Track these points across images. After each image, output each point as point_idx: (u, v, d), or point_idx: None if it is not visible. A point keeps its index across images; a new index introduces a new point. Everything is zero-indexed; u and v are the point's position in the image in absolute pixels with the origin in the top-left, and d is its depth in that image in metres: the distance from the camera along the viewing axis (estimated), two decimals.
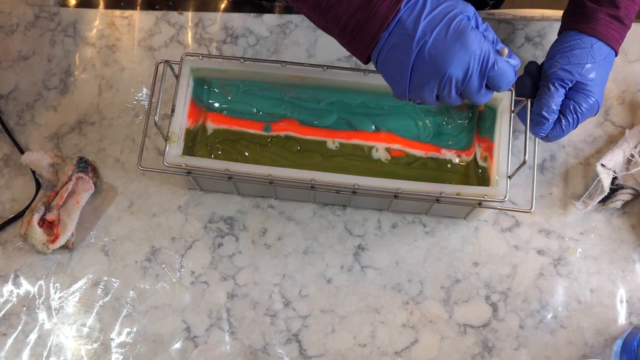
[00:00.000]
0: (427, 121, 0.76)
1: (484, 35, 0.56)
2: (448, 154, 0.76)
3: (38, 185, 0.81)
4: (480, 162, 0.73)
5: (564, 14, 0.72)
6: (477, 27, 0.57)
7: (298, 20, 0.87)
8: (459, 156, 0.75)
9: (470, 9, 0.57)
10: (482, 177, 0.73)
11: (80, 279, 0.78)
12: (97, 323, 0.76)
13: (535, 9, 0.90)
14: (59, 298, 0.77)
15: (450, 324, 0.76)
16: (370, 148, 0.76)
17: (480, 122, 0.75)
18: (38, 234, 0.75)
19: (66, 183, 0.77)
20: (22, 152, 0.82)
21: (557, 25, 0.85)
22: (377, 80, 0.71)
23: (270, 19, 0.87)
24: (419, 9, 0.55)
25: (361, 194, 0.72)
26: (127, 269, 0.78)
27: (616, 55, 0.70)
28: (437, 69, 0.56)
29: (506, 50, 0.58)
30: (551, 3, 1.01)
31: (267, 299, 0.77)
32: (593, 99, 0.68)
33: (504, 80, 0.58)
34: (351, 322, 0.76)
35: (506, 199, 0.68)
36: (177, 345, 0.75)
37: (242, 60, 0.72)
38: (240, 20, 0.87)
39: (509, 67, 0.58)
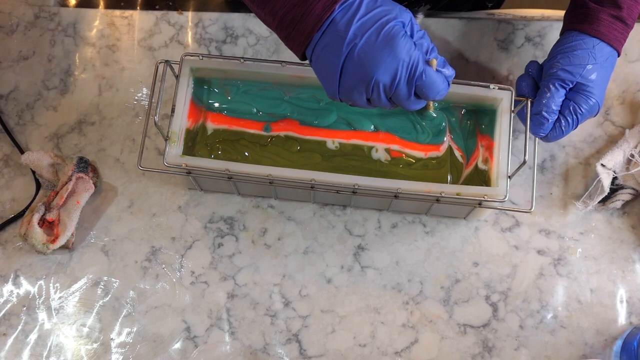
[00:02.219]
0: (424, 123, 0.76)
1: (415, 44, 0.57)
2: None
3: (38, 185, 0.81)
4: (480, 165, 0.73)
5: (565, 14, 0.72)
6: (411, 34, 0.57)
7: None
8: (461, 156, 0.76)
9: (407, 16, 0.57)
10: (482, 177, 0.73)
11: (80, 279, 0.78)
12: (97, 323, 0.76)
13: (535, 9, 0.90)
14: (59, 298, 0.77)
15: (450, 324, 0.76)
16: (370, 148, 0.76)
17: (480, 121, 0.75)
18: (38, 234, 0.75)
19: (66, 183, 0.77)
20: (22, 152, 0.82)
21: (557, 25, 0.85)
22: None
23: None
24: (353, 11, 0.56)
25: (361, 194, 0.72)
26: (127, 269, 0.78)
27: (619, 55, 0.70)
28: (365, 72, 0.56)
29: (435, 61, 0.58)
30: (551, 3, 1.01)
31: (267, 299, 0.77)
32: (593, 100, 0.68)
33: (432, 90, 0.58)
34: (351, 322, 0.76)
35: (506, 199, 0.68)
36: (177, 345, 0.75)
37: (242, 60, 0.72)
38: (240, 20, 0.87)
39: (439, 77, 0.58)
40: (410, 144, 0.76)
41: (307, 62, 0.61)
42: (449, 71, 0.60)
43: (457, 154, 0.75)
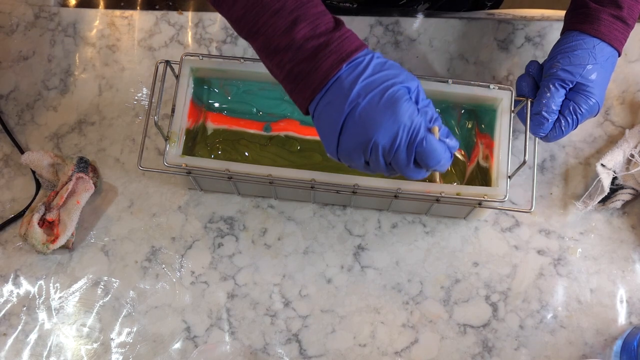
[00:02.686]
0: None
1: (418, 110, 0.56)
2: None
3: (38, 185, 0.81)
4: (482, 162, 0.73)
5: (566, 14, 0.72)
6: (416, 101, 0.56)
7: None
8: (463, 156, 0.76)
9: (414, 83, 0.56)
10: (482, 177, 0.73)
11: (80, 279, 0.78)
12: (97, 323, 0.76)
13: (535, 9, 0.90)
14: (59, 298, 0.77)
15: (450, 324, 0.76)
16: None
17: (480, 120, 0.75)
18: (38, 234, 0.75)
19: (66, 183, 0.77)
20: (22, 152, 0.82)
21: (557, 25, 0.85)
22: None
23: None
24: (360, 71, 0.55)
25: (361, 194, 0.72)
26: (127, 269, 0.78)
27: (619, 55, 0.70)
28: (365, 132, 0.55)
29: (437, 129, 0.56)
30: (551, 3, 1.01)
31: (267, 299, 0.77)
32: (593, 100, 0.68)
33: (432, 159, 0.57)
34: (351, 322, 0.76)
35: (506, 199, 0.68)
36: (177, 345, 0.75)
37: (242, 60, 0.72)
38: None
39: (440, 146, 0.57)
40: None
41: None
42: (453, 142, 0.58)
43: (459, 154, 0.76)
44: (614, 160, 0.77)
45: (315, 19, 0.56)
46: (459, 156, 0.75)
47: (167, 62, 0.71)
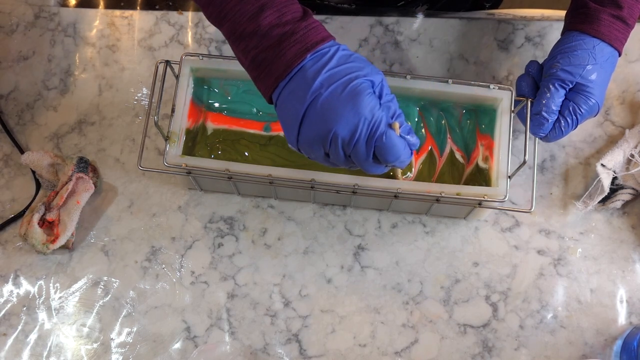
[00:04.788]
0: (425, 127, 0.76)
1: (381, 104, 0.56)
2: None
3: (38, 185, 0.81)
4: (481, 163, 0.73)
5: (566, 14, 0.72)
6: (380, 95, 0.56)
7: None
8: (462, 157, 0.76)
9: (378, 77, 0.56)
10: (483, 176, 0.73)
11: (80, 279, 0.78)
12: (97, 323, 0.76)
13: (535, 9, 0.90)
14: (59, 298, 0.77)
15: (450, 324, 0.76)
16: None
17: (480, 121, 0.75)
18: (38, 234, 0.75)
19: (66, 183, 0.77)
20: (22, 152, 0.82)
21: (557, 25, 0.85)
22: None
23: None
24: (324, 62, 0.55)
25: (361, 194, 0.72)
26: (127, 269, 0.78)
27: (619, 55, 0.70)
28: (325, 123, 0.55)
29: (397, 124, 0.56)
30: (551, 3, 1.01)
31: (267, 299, 0.77)
32: (593, 101, 0.68)
33: (391, 155, 0.56)
34: (351, 322, 0.76)
35: (506, 199, 0.68)
36: (177, 345, 0.75)
37: None
38: None
39: (400, 142, 0.56)
40: None
41: None
42: (413, 139, 0.58)
43: (458, 154, 0.76)
44: (614, 160, 0.77)
45: (283, 7, 0.56)
46: (458, 158, 0.75)
47: (167, 62, 0.71)
